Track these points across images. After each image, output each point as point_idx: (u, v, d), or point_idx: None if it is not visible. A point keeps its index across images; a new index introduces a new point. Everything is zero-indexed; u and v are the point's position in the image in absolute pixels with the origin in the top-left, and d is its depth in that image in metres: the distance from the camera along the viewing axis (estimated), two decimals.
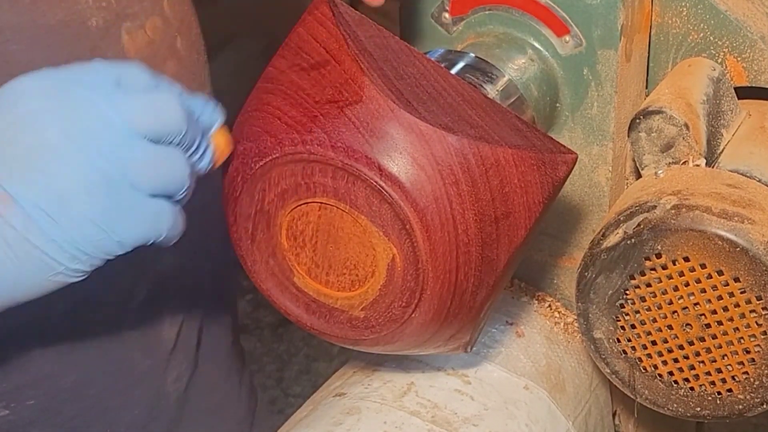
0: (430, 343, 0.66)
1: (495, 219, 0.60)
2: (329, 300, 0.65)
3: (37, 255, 0.52)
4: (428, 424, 0.75)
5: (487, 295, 0.63)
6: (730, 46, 0.75)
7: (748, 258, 0.63)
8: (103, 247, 0.54)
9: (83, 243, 0.53)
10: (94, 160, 0.52)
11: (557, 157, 0.62)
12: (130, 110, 0.53)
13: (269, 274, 0.66)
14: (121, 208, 0.53)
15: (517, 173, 0.60)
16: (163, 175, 0.54)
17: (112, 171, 0.52)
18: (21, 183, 0.51)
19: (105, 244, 0.53)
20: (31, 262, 0.53)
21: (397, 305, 0.62)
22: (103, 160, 0.52)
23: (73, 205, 0.52)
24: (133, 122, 0.53)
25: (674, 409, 0.71)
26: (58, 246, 0.52)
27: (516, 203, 0.61)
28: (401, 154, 0.58)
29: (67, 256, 0.53)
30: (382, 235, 0.60)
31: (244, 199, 0.64)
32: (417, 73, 0.61)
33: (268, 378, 2.26)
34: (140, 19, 0.75)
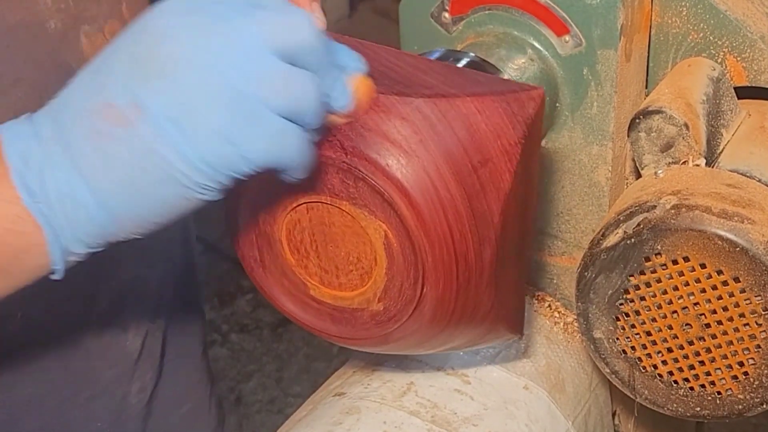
0: (462, 326, 0.65)
1: (473, 169, 0.59)
2: (347, 302, 0.65)
3: (164, 166, 0.51)
4: (428, 423, 0.74)
5: (493, 253, 0.62)
6: (729, 46, 0.75)
7: (748, 258, 0.63)
8: (229, 161, 0.52)
9: (208, 154, 0.51)
10: (224, 71, 0.51)
11: (522, 95, 0.61)
12: (264, 24, 0.52)
13: (287, 294, 0.67)
14: (248, 121, 0.51)
15: (483, 119, 0.60)
16: (292, 94, 0.52)
17: (242, 84, 0.51)
18: (151, 92, 0.51)
19: (230, 158, 0.52)
20: (158, 174, 0.52)
21: (407, 284, 0.62)
22: (233, 72, 0.51)
23: (201, 117, 0.51)
24: (267, 37, 0.52)
25: (674, 409, 0.71)
26: (183, 157, 0.51)
27: (491, 149, 0.60)
28: (361, 128, 0.58)
29: (193, 168, 0.52)
30: (368, 215, 0.60)
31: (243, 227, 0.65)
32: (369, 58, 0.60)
33: (268, 378, 2.26)
34: (98, 22, 0.75)
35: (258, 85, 0.51)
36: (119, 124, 0.51)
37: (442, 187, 0.59)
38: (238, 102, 0.51)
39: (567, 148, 0.79)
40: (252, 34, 0.52)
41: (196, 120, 0.51)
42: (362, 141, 0.58)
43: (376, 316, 0.65)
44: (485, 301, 0.64)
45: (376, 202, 0.59)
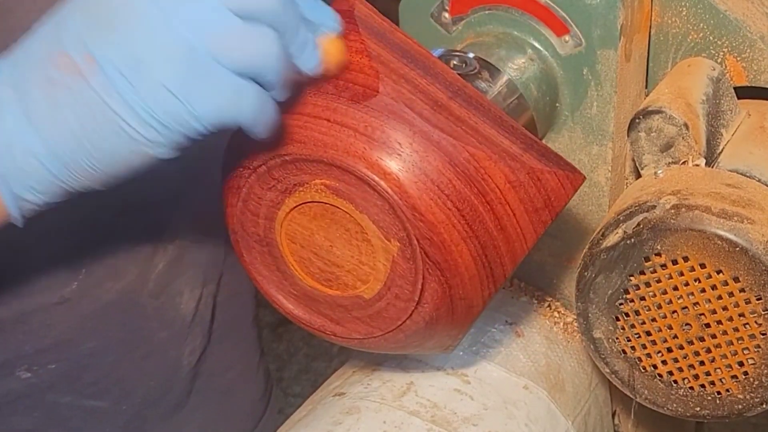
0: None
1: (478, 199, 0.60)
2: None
3: (113, 118, 0.52)
4: (428, 423, 0.75)
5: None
6: (729, 46, 0.75)
7: (748, 258, 0.63)
8: (179, 119, 0.52)
9: (158, 110, 0.51)
10: (177, 27, 0.51)
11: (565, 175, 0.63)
12: None
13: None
14: (199, 78, 0.51)
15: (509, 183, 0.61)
16: (248, 52, 0.52)
17: (195, 40, 0.51)
18: (104, 44, 0.51)
19: (181, 115, 0.52)
20: (110, 128, 0.52)
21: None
22: (186, 28, 0.51)
23: (151, 70, 0.51)
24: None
25: (674, 409, 0.71)
26: (134, 112, 0.51)
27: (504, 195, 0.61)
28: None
29: (141, 123, 0.51)
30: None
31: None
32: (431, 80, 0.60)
33: None
34: None
35: (211, 40, 0.51)
36: (71, 73, 0.51)
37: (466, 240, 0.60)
38: (190, 57, 0.51)
39: (567, 148, 0.79)
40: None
41: (146, 73, 0.51)
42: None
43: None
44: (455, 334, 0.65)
45: (398, 232, 0.60)
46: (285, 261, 0.65)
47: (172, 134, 0.52)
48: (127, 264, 0.81)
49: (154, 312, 0.85)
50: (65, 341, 0.80)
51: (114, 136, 0.52)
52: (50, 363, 0.80)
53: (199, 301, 0.89)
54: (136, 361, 0.85)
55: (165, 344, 0.87)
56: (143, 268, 0.82)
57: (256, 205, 0.64)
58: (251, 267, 0.67)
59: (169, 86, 0.51)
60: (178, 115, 0.52)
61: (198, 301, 0.89)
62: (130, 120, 0.51)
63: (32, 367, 0.79)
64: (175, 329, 0.87)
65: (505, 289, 0.88)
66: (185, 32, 0.51)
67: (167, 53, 0.51)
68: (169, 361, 0.88)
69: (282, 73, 0.54)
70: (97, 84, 0.51)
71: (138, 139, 0.52)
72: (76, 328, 0.80)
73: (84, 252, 0.61)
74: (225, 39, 0.51)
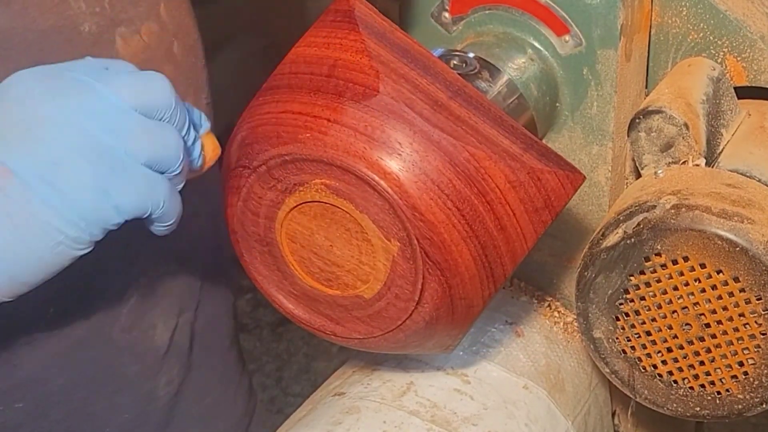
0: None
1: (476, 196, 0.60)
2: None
3: (37, 223, 0.53)
4: (428, 423, 0.74)
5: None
6: (729, 46, 0.75)
7: (748, 258, 0.63)
8: (101, 213, 0.54)
9: (80, 208, 0.54)
10: (87, 128, 0.53)
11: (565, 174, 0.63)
12: (120, 85, 0.55)
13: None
14: (116, 172, 0.54)
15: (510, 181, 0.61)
16: (156, 145, 0.55)
17: (106, 138, 0.54)
18: (18, 153, 0.53)
19: (102, 210, 0.54)
20: (31, 231, 0.53)
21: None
22: (96, 127, 0.54)
23: (69, 170, 0.53)
24: (124, 96, 0.55)
25: (674, 409, 0.71)
26: (57, 212, 0.53)
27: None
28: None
29: (65, 221, 0.54)
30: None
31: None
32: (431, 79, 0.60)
33: (268, 377, 2.26)
34: (135, 24, 0.75)
35: (120, 137, 0.54)
36: None
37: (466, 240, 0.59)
38: (104, 155, 0.54)
39: (567, 148, 0.79)
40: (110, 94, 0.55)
41: (65, 175, 0.53)
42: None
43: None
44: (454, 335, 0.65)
45: (398, 231, 0.60)
46: (285, 261, 0.65)
47: (95, 230, 0.55)
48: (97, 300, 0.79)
49: (126, 346, 0.83)
50: (33, 380, 0.78)
51: (37, 240, 0.54)
52: (17, 402, 0.78)
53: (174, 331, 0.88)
54: (108, 396, 0.84)
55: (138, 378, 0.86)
56: (114, 303, 0.81)
57: (256, 205, 0.64)
58: (251, 267, 0.67)
59: (89, 184, 0.53)
60: (103, 210, 0.54)
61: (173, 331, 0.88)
62: (56, 222, 0.53)
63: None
64: (148, 362, 0.86)
65: (505, 289, 0.88)
66: (96, 131, 0.54)
67: (82, 153, 0.53)
68: (143, 394, 0.87)
69: (184, 163, 0.58)
70: (15, 193, 0.52)
71: (62, 241, 0.54)
72: (44, 367, 0.78)
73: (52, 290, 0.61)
74: (134, 134, 0.55)
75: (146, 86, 0.56)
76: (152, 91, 0.56)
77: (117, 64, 0.58)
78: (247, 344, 2.33)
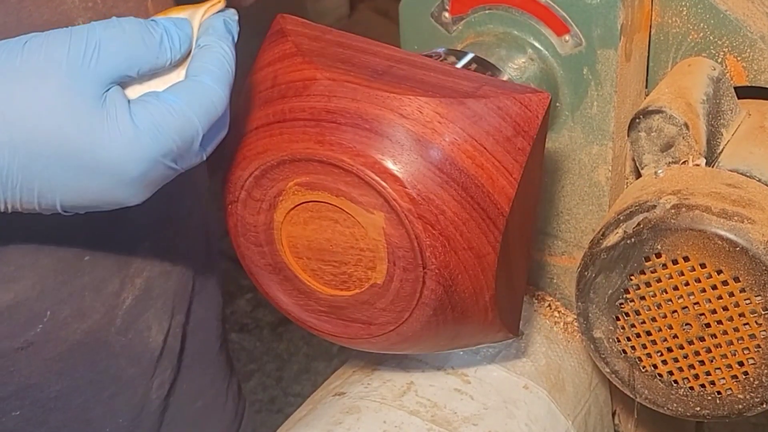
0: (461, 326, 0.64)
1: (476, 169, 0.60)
2: (347, 301, 0.65)
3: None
4: (428, 423, 0.74)
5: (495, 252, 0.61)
6: (730, 46, 0.75)
7: (748, 258, 0.63)
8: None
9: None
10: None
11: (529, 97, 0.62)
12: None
13: (286, 294, 0.67)
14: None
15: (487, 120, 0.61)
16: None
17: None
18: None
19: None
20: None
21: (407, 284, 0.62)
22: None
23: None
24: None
25: (674, 409, 0.71)
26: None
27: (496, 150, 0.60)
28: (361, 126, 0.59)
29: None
30: (367, 214, 0.60)
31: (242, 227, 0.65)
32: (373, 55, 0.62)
33: (268, 377, 2.26)
34: None
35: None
36: None
37: (443, 185, 0.59)
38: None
39: (567, 148, 0.79)
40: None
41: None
42: (361, 138, 0.58)
43: (376, 316, 0.65)
44: (484, 302, 0.64)
45: (375, 200, 0.59)
46: (300, 279, 0.65)
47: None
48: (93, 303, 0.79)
49: (122, 349, 0.83)
50: (29, 386, 0.77)
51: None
52: (13, 410, 0.78)
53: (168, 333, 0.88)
54: (105, 401, 0.83)
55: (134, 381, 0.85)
56: (110, 306, 0.80)
57: (255, 236, 0.65)
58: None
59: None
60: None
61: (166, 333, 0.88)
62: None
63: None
64: (144, 364, 0.86)
65: None
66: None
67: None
68: (138, 396, 0.86)
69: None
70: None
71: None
72: (40, 372, 0.77)
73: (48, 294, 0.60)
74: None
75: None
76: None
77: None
78: (247, 344, 2.33)
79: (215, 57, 0.56)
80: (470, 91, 0.60)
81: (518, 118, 0.61)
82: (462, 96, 0.60)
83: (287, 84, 0.61)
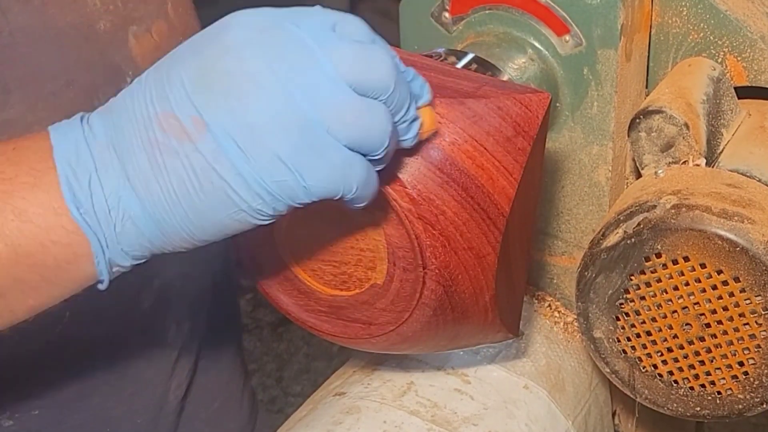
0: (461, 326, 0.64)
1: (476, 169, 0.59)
2: (347, 302, 0.65)
3: (222, 187, 0.50)
4: (428, 423, 0.74)
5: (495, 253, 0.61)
6: (730, 46, 0.75)
7: (748, 258, 0.63)
8: (289, 190, 0.50)
9: (269, 181, 0.50)
10: (294, 96, 0.49)
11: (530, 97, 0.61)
12: (340, 55, 0.50)
13: (286, 294, 0.67)
14: (314, 150, 0.49)
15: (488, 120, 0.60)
16: (362, 127, 0.50)
17: (311, 111, 0.49)
18: (216, 109, 0.49)
19: (291, 187, 0.50)
20: (215, 195, 0.50)
21: (407, 284, 0.62)
22: (303, 98, 0.49)
23: (265, 140, 0.49)
24: (342, 68, 0.50)
25: (674, 409, 0.71)
26: (244, 181, 0.49)
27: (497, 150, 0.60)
28: None
29: (251, 192, 0.50)
30: (368, 214, 0.60)
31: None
32: None
33: (268, 377, 2.26)
34: (146, 23, 0.75)
35: (328, 114, 0.49)
36: (179, 137, 0.49)
37: (443, 186, 0.59)
38: (306, 130, 0.49)
39: (567, 148, 0.79)
40: (328, 64, 0.50)
41: (261, 144, 0.49)
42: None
43: (376, 316, 0.65)
44: (484, 302, 0.64)
45: (375, 200, 0.59)
46: (300, 279, 0.65)
47: (278, 204, 0.51)
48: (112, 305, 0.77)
49: (141, 350, 0.83)
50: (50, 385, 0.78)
51: (219, 205, 0.50)
52: (33, 409, 0.78)
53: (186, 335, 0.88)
54: (124, 401, 0.84)
55: (152, 381, 0.85)
56: (129, 307, 0.81)
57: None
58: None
59: (283, 157, 0.49)
60: (289, 187, 0.50)
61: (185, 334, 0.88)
62: (239, 189, 0.50)
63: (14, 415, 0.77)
64: (162, 365, 0.86)
65: None
66: (302, 103, 0.49)
67: (283, 123, 0.49)
68: (157, 397, 0.87)
69: (390, 147, 0.53)
70: (207, 151, 0.49)
71: (244, 209, 0.50)
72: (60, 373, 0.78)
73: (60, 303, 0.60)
74: (342, 113, 0.50)
75: (368, 64, 0.50)
76: (373, 70, 0.50)
77: (347, 22, 0.52)
78: (247, 344, 2.33)
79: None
80: (470, 91, 0.60)
81: (518, 118, 0.61)
82: (462, 96, 0.60)
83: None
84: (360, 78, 0.50)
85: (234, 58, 0.49)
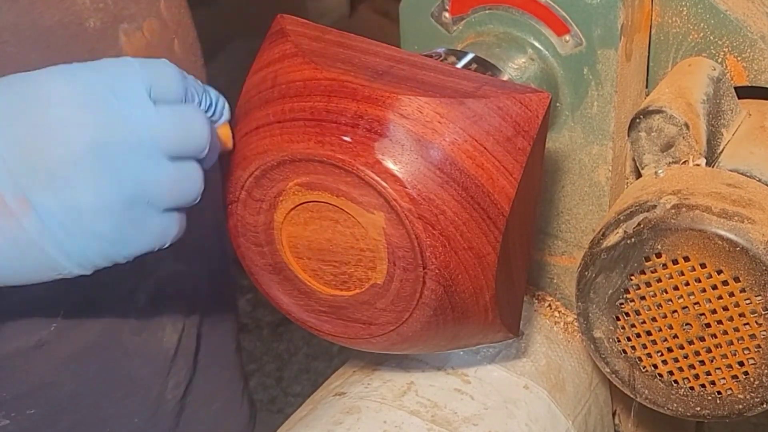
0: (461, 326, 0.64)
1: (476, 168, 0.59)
2: (347, 302, 0.65)
3: (44, 259, 0.53)
4: (428, 423, 0.74)
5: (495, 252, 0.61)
6: (730, 46, 0.75)
7: (748, 258, 0.63)
8: (110, 258, 0.55)
9: (91, 254, 0.54)
10: (117, 179, 0.52)
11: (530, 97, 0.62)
12: (160, 130, 0.53)
13: (286, 294, 0.67)
14: (134, 225, 0.54)
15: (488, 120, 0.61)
16: (179, 192, 0.55)
17: (133, 191, 0.53)
18: (42, 192, 0.52)
19: (112, 257, 0.55)
20: (37, 263, 0.53)
21: (407, 284, 0.62)
22: (126, 179, 0.53)
23: (89, 221, 0.52)
24: (162, 143, 0.53)
25: (674, 409, 0.71)
26: (67, 255, 0.53)
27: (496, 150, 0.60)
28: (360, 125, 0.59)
29: (74, 264, 0.54)
30: (368, 214, 0.60)
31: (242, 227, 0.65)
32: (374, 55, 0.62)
33: (268, 377, 2.26)
34: (137, 20, 0.75)
35: (149, 189, 0.53)
36: (3, 215, 0.52)
37: (443, 185, 0.59)
38: (128, 208, 0.53)
39: (567, 148, 0.79)
40: (149, 141, 0.53)
41: (85, 225, 0.52)
42: (361, 138, 0.58)
43: (376, 316, 0.65)
44: (484, 302, 0.64)
45: (375, 200, 0.59)
46: (300, 279, 0.65)
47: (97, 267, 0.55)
48: (106, 302, 0.79)
49: (136, 349, 0.83)
50: (44, 385, 0.78)
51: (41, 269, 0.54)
52: (29, 408, 0.78)
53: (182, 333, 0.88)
54: (119, 401, 0.84)
55: (148, 381, 0.85)
56: (124, 305, 0.81)
57: (254, 236, 0.65)
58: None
59: (105, 235, 0.53)
60: (109, 256, 0.55)
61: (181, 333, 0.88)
62: (62, 260, 0.53)
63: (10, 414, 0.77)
64: (158, 364, 0.86)
65: None
66: (125, 183, 0.53)
67: (106, 205, 0.52)
68: (153, 397, 0.86)
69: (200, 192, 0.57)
70: (31, 229, 0.52)
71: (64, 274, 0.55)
72: (55, 371, 0.78)
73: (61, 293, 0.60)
74: (161, 185, 0.54)
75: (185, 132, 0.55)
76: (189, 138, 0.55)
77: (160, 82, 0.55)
78: (247, 344, 2.33)
79: None
80: (470, 91, 0.60)
81: (518, 118, 0.61)
82: (462, 96, 0.60)
83: (287, 84, 0.61)
84: (178, 148, 0.54)
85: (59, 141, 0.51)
